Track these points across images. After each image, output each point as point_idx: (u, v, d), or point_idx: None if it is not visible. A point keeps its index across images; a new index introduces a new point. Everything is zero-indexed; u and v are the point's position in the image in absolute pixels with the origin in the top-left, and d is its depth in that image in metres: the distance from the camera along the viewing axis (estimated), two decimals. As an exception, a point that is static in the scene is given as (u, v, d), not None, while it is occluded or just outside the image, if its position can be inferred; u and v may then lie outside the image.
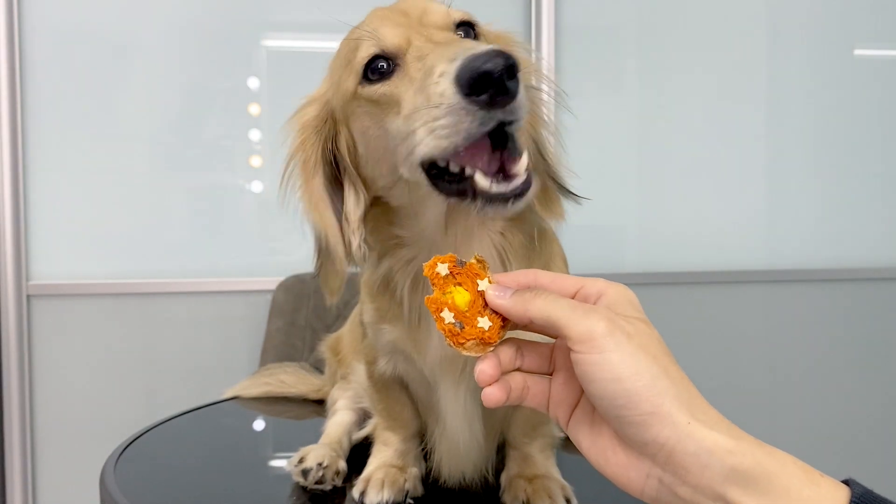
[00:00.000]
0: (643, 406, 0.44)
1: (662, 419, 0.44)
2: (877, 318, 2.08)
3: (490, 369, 0.49)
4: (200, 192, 1.80)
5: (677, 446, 0.43)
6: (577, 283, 0.50)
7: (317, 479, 0.84)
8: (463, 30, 0.67)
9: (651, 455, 0.45)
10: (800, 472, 0.43)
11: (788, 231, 2.05)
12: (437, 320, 0.51)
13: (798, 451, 0.49)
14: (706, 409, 0.45)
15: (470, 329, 0.51)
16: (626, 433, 0.45)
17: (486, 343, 0.51)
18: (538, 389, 0.52)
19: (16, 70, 1.69)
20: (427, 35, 0.63)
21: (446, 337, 0.51)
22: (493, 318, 0.51)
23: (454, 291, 0.52)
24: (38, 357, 1.74)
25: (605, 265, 1.94)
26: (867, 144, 2.08)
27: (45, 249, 1.74)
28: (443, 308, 0.51)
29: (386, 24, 0.66)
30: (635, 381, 0.44)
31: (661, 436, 0.44)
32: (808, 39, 2.04)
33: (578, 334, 0.45)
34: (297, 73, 1.80)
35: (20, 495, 1.73)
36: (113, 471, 0.90)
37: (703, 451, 0.43)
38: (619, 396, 0.44)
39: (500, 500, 0.80)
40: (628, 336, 0.45)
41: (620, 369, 0.44)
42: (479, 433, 0.79)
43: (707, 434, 0.43)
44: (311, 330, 1.66)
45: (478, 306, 0.51)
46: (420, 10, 0.67)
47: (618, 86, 1.96)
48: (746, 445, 0.44)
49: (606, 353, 0.45)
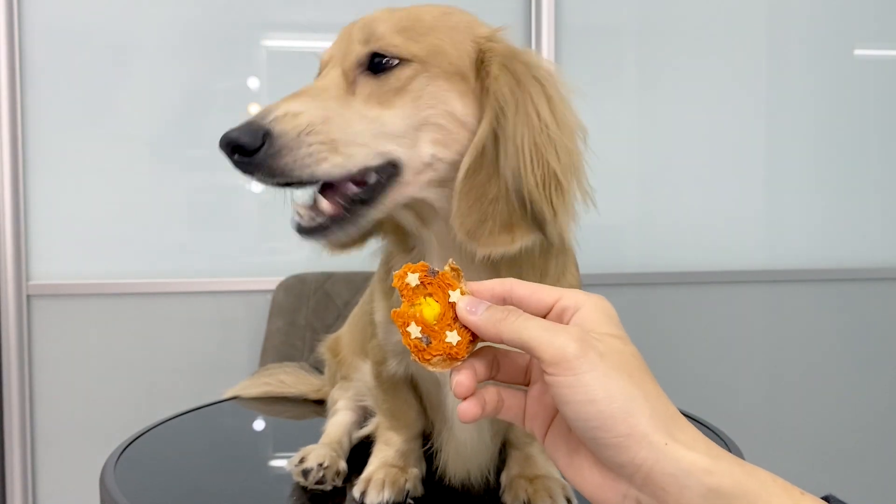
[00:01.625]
0: (618, 428, 0.43)
1: (639, 440, 0.43)
2: (877, 318, 2.08)
3: (468, 381, 0.48)
4: (200, 192, 1.80)
5: (655, 467, 0.43)
6: (555, 294, 0.49)
7: (317, 480, 0.84)
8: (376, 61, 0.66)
9: (628, 476, 0.44)
10: (780, 491, 0.42)
11: (788, 231, 2.05)
12: (403, 335, 0.50)
13: (798, 450, 0.50)
14: (684, 427, 0.45)
15: (437, 344, 0.49)
16: (602, 455, 0.45)
17: (454, 358, 0.49)
18: (513, 402, 0.51)
19: (16, 70, 1.69)
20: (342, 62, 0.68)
21: (412, 352, 0.50)
22: (463, 332, 0.49)
23: (423, 303, 0.50)
24: (38, 357, 1.74)
25: (605, 265, 1.94)
26: (867, 144, 2.07)
27: (45, 249, 1.74)
28: (409, 322, 0.50)
29: (331, 46, 0.72)
30: (609, 402, 0.43)
31: (637, 457, 0.43)
32: (808, 39, 2.04)
33: (550, 356, 0.44)
34: (297, 73, 1.79)
35: (20, 495, 1.73)
36: (113, 471, 0.90)
37: (680, 472, 0.42)
38: (594, 418, 0.43)
39: (500, 500, 0.80)
40: (601, 356, 0.44)
41: (594, 391, 0.43)
42: (486, 434, 0.80)
43: (685, 454, 0.43)
44: (311, 330, 1.66)
45: (447, 319, 0.49)
46: (347, 41, 0.69)
47: (618, 86, 1.96)
48: (725, 465, 0.43)
49: (579, 375, 0.43)
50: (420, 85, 0.66)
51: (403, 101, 0.66)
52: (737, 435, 1.05)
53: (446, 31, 0.68)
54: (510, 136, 0.65)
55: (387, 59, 0.66)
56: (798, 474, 2.00)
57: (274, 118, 0.61)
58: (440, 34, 0.68)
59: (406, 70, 0.66)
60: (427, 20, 0.69)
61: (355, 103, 0.66)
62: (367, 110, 0.66)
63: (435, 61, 0.67)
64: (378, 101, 0.66)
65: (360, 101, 0.66)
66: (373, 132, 0.65)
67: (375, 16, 0.69)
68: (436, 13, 0.70)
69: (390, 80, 0.66)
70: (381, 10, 0.70)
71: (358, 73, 0.67)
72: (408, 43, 0.66)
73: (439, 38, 0.68)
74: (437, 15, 0.70)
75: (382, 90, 0.66)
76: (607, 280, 1.91)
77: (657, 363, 1.97)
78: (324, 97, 0.65)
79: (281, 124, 0.61)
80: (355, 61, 0.67)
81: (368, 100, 0.66)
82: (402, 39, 0.66)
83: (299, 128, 0.62)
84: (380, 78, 0.66)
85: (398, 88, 0.66)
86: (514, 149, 0.65)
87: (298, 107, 0.63)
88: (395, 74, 0.66)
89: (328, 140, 0.62)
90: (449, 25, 0.69)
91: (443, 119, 0.67)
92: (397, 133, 0.66)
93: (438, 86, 0.67)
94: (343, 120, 0.64)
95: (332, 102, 0.65)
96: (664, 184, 1.98)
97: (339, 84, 0.66)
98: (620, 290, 1.94)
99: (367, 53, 0.66)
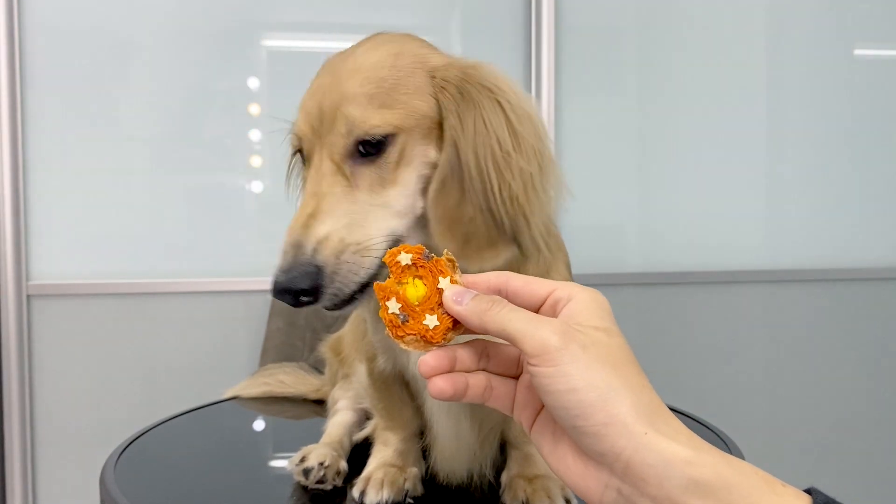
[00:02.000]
0: (597, 416, 0.43)
1: (618, 429, 0.43)
2: (877, 318, 2.08)
3: (433, 360, 0.49)
4: (200, 192, 1.80)
5: (634, 457, 0.43)
6: (549, 287, 0.50)
7: (318, 479, 0.84)
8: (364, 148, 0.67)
9: (609, 465, 0.44)
10: (761, 482, 0.43)
11: (788, 231, 2.05)
12: (381, 308, 0.51)
13: (798, 450, 0.50)
14: (667, 419, 0.45)
15: (413, 324, 0.50)
16: (582, 443, 0.45)
17: (428, 342, 0.50)
18: (503, 391, 0.51)
19: (16, 70, 1.69)
20: (328, 148, 0.68)
21: (387, 327, 0.50)
22: (444, 318, 0.50)
23: (409, 283, 0.51)
24: (38, 357, 1.74)
25: (605, 265, 1.94)
26: (867, 144, 2.07)
27: (45, 249, 1.74)
28: (391, 297, 0.50)
29: (301, 116, 0.71)
30: (588, 392, 0.44)
31: (616, 446, 0.43)
32: (808, 39, 2.04)
33: (532, 348, 0.45)
34: (297, 73, 1.79)
35: (20, 495, 1.73)
36: (113, 471, 0.90)
37: (661, 463, 0.43)
38: (574, 407, 0.44)
39: (499, 500, 0.80)
40: (583, 347, 0.45)
41: (574, 381, 0.44)
42: (466, 433, 0.79)
43: (666, 445, 0.43)
44: (311, 330, 1.66)
45: (431, 303, 0.50)
46: (328, 120, 0.68)
47: (618, 86, 1.96)
48: (706, 456, 0.43)
49: (560, 366, 0.44)
50: (409, 151, 0.68)
51: (402, 175, 0.68)
52: (737, 435, 1.06)
53: (408, 80, 0.69)
54: (469, 160, 0.67)
55: (374, 139, 0.67)
56: (798, 474, 2.00)
57: (314, 251, 0.64)
58: (405, 88, 0.68)
59: (395, 145, 0.67)
60: (387, 77, 0.68)
61: (362, 196, 0.67)
62: (374, 199, 0.67)
63: (413, 123, 0.68)
64: (381, 185, 0.68)
65: (364, 193, 0.67)
66: (384, 217, 0.68)
67: (343, 92, 0.68)
68: (389, 61, 0.69)
69: (385, 161, 0.67)
70: (340, 78, 0.69)
71: (351, 163, 0.68)
72: (385, 115, 0.67)
73: (406, 93, 0.68)
74: (391, 63, 0.69)
75: (381, 174, 0.67)
76: (607, 280, 1.91)
77: (657, 363, 1.97)
78: (337, 204, 0.67)
79: (322, 255, 0.64)
80: (344, 153, 0.68)
81: (372, 187, 0.67)
82: (379, 115, 0.67)
83: (336, 251, 0.64)
84: (375, 162, 0.67)
85: (395, 165, 0.68)
86: (476, 172, 0.67)
87: (325, 228, 0.65)
88: (387, 154, 0.67)
89: (357, 248, 0.65)
90: (407, 73, 0.69)
91: (427, 170, 0.69)
92: (403, 208, 0.68)
93: (421, 143, 0.69)
94: (360, 219, 0.66)
95: (344, 206, 0.67)
96: (664, 184, 1.98)
97: (341, 182, 0.67)
98: (620, 290, 1.94)
99: (354, 143, 0.67)
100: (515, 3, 1.87)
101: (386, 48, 0.71)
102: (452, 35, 1.85)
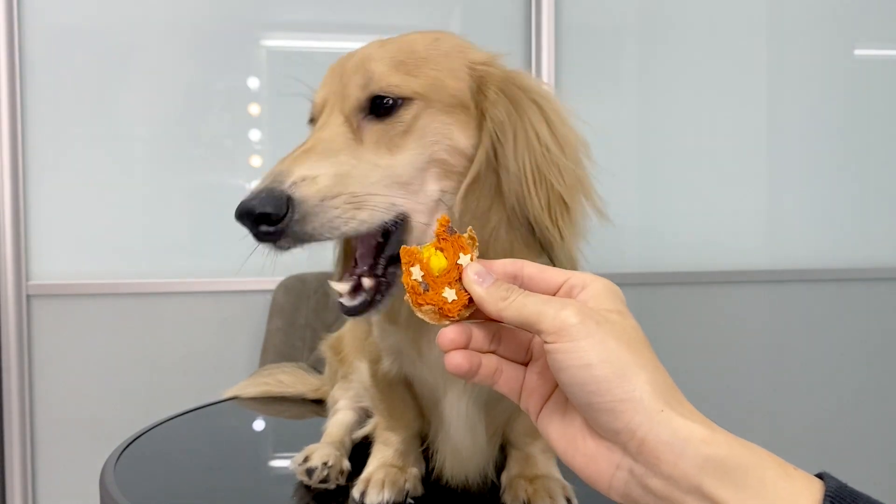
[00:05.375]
0: (614, 392, 0.43)
1: (634, 405, 0.43)
2: (877, 318, 2.08)
3: (453, 334, 0.49)
4: (200, 192, 1.80)
5: (650, 434, 0.43)
6: (564, 275, 0.50)
7: (321, 479, 0.84)
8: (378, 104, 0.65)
9: (623, 444, 0.44)
10: (775, 465, 0.43)
11: (789, 231, 2.05)
12: (404, 273, 0.50)
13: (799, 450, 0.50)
14: (681, 400, 0.45)
15: (433, 294, 0.50)
16: (597, 421, 0.45)
17: (443, 315, 0.50)
18: (511, 375, 0.51)
19: (16, 70, 1.69)
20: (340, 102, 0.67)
21: (407, 292, 0.50)
22: (461, 293, 0.50)
23: (433, 254, 0.50)
24: (38, 357, 1.74)
25: (605, 265, 1.94)
26: (867, 144, 2.07)
27: (45, 249, 1.74)
28: (415, 263, 0.50)
29: (323, 85, 0.70)
30: (604, 367, 0.44)
31: (632, 422, 0.43)
32: (808, 39, 2.04)
33: (549, 325, 0.45)
34: (297, 73, 1.79)
35: (20, 495, 1.73)
36: (113, 471, 0.90)
37: (677, 440, 0.42)
38: (589, 382, 0.44)
39: (500, 500, 0.80)
40: (598, 324, 0.45)
41: (590, 356, 0.44)
42: (481, 438, 0.79)
43: (682, 423, 0.43)
44: (311, 330, 1.66)
45: (450, 277, 0.50)
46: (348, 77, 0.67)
47: (618, 86, 1.97)
48: (722, 436, 0.43)
49: (576, 341, 0.44)
50: (424, 123, 0.66)
51: (411, 143, 0.65)
52: (737, 435, 1.05)
53: (441, 59, 0.67)
54: (510, 160, 0.65)
55: (389, 100, 0.65)
56: (798, 474, 2.00)
57: (293, 183, 0.60)
58: (436, 64, 0.67)
59: (409, 110, 0.65)
60: (420, 50, 0.67)
61: (365, 153, 0.65)
62: (379, 158, 0.65)
63: (436, 95, 0.66)
64: (387, 147, 0.65)
65: (369, 149, 0.65)
66: (386, 182, 0.64)
67: (368, 52, 0.68)
68: (427, 41, 0.69)
69: (396, 122, 0.65)
70: (371, 45, 0.69)
71: (361, 118, 0.66)
72: (407, 80, 0.65)
73: (436, 69, 0.67)
74: (428, 43, 0.69)
75: (390, 135, 0.65)
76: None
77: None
78: (334, 152, 0.64)
79: (301, 190, 0.60)
80: (356, 106, 0.66)
81: (378, 147, 0.65)
82: (401, 77, 0.65)
83: (321, 193, 0.60)
84: (385, 122, 0.65)
85: (404, 131, 0.65)
86: (516, 173, 0.65)
87: (313, 169, 0.62)
88: (399, 116, 0.65)
89: (352, 199, 0.62)
90: (442, 53, 0.68)
91: (447, 154, 0.67)
92: (407, 179, 0.65)
93: (441, 120, 0.66)
94: (359, 173, 0.63)
95: (343, 156, 0.64)
96: (664, 184, 1.98)
97: (345, 133, 0.65)
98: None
99: (368, 97, 0.66)
100: (515, 3, 1.87)
101: (426, 34, 0.70)
102: (452, 35, 1.85)
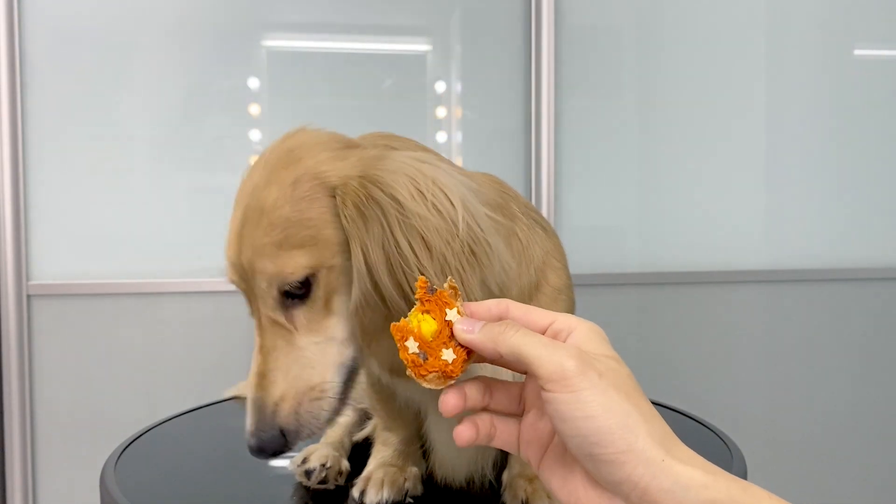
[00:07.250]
0: (617, 444, 0.43)
1: (637, 456, 0.43)
2: (877, 318, 2.08)
3: (454, 399, 0.49)
4: (200, 192, 1.80)
5: (652, 483, 0.43)
6: (549, 317, 0.50)
7: (320, 480, 0.85)
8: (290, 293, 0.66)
9: (625, 494, 0.44)
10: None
11: (789, 231, 2.05)
12: (400, 349, 0.50)
13: (799, 451, 0.50)
14: (680, 445, 0.45)
15: (433, 361, 0.50)
16: (599, 472, 0.45)
17: (448, 376, 0.50)
18: (506, 429, 0.52)
19: (16, 70, 1.69)
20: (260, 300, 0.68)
21: (408, 367, 0.50)
22: (458, 350, 0.50)
23: (421, 320, 0.51)
24: (38, 357, 1.74)
25: (605, 265, 1.94)
26: (867, 144, 2.07)
27: (45, 249, 1.74)
28: (408, 336, 0.50)
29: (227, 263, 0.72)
30: (607, 418, 0.44)
31: (635, 474, 0.43)
32: (808, 39, 2.04)
33: (549, 372, 0.45)
34: (297, 73, 1.80)
35: (20, 495, 1.73)
36: (113, 471, 0.90)
37: (678, 487, 0.43)
38: (592, 434, 0.44)
39: (500, 500, 0.80)
40: (599, 374, 0.45)
41: (593, 407, 0.44)
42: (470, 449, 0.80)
43: (682, 469, 0.43)
44: (311, 330, 1.66)
45: (443, 337, 0.50)
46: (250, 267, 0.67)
47: (618, 86, 1.96)
48: (722, 481, 0.43)
49: (578, 392, 0.44)
50: (335, 283, 0.67)
51: (335, 306, 0.67)
52: (737, 435, 1.05)
53: (310, 209, 0.65)
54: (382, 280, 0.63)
55: (298, 286, 0.66)
56: (798, 475, 2.00)
57: (273, 412, 0.65)
58: (310, 221, 0.65)
59: (317, 283, 0.66)
60: (288, 212, 0.65)
61: (302, 339, 0.67)
62: (316, 336, 0.67)
63: (328, 254, 0.66)
64: (317, 322, 0.67)
65: (304, 334, 0.67)
66: (330, 352, 0.68)
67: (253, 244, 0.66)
68: (286, 193, 0.66)
69: (314, 300, 0.67)
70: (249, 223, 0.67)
71: (284, 308, 0.67)
72: (297, 259, 0.65)
73: (313, 226, 0.65)
74: (289, 195, 0.65)
75: (314, 312, 0.67)
76: (607, 280, 1.91)
77: (657, 363, 1.97)
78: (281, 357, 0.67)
79: (281, 417, 0.65)
80: (274, 304, 0.67)
81: (310, 327, 0.67)
82: (292, 260, 0.65)
83: (293, 409, 0.65)
84: (305, 302, 0.67)
85: (323, 300, 0.67)
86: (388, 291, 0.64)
87: (278, 389, 0.66)
88: (313, 294, 0.66)
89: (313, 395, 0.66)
90: (307, 202, 0.65)
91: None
92: (348, 336, 0.68)
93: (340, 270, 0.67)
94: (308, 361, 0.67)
95: (290, 357, 0.67)
96: (664, 184, 1.98)
97: (280, 332, 0.67)
98: (620, 290, 1.94)
99: (279, 293, 0.66)
100: (515, 3, 1.87)
101: (284, 176, 0.67)
102: (452, 35, 1.85)
